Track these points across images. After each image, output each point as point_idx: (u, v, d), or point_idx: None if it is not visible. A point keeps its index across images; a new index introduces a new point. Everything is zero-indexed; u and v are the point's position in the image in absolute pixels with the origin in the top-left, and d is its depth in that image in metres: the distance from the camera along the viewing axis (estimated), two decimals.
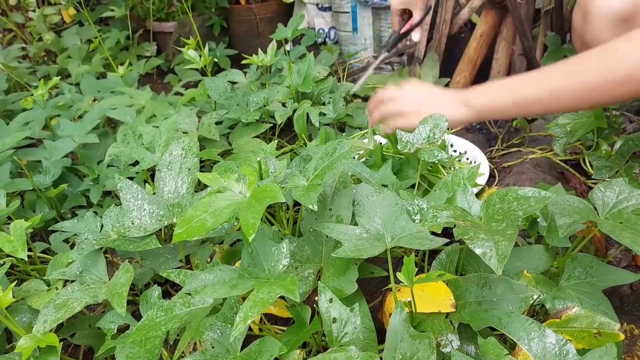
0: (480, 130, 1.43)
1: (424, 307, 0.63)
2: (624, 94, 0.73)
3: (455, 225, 0.61)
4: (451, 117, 0.85)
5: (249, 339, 0.61)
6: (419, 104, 0.89)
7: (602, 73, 0.73)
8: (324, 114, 1.29)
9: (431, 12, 1.32)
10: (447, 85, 1.49)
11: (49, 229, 0.95)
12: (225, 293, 0.56)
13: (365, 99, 1.55)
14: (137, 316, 0.71)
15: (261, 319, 0.75)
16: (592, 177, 1.02)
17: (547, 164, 1.14)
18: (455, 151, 1.16)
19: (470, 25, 1.56)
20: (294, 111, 1.26)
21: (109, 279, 0.73)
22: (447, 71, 1.49)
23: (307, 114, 1.24)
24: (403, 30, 1.26)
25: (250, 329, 0.72)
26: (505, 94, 0.83)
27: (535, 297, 0.59)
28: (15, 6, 2.40)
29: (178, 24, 2.18)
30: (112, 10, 2.07)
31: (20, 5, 2.42)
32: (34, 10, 2.33)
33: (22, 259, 0.75)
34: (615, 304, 0.67)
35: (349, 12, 1.87)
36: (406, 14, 1.27)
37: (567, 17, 1.42)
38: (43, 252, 0.97)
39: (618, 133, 1.08)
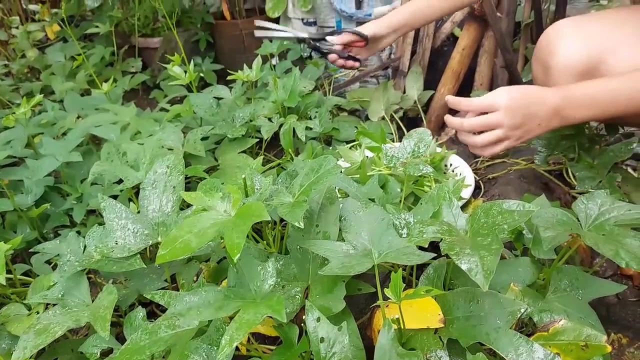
0: None
1: (412, 323, 0.62)
2: None
3: (442, 239, 0.61)
4: (550, 129, 0.85)
5: (236, 359, 0.60)
6: (530, 129, 0.84)
7: None
8: (311, 128, 1.29)
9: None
10: (431, 97, 1.50)
11: (31, 250, 0.94)
12: (210, 315, 0.55)
13: (352, 112, 1.56)
14: (121, 339, 0.70)
15: (248, 338, 0.74)
16: (576, 187, 1.03)
17: (532, 174, 1.15)
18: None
19: (452, 39, 1.58)
20: (281, 126, 1.26)
21: (92, 301, 0.72)
22: (431, 83, 1.51)
23: (294, 128, 1.24)
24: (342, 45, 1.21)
25: (237, 348, 0.71)
26: (598, 107, 0.83)
27: (522, 310, 0.59)
28: None
29: (163, 39, 2.18)
30: (97, 26, 2.06)
31: (3, 22, 2.40)
32: (17, 27, 2.32)
33: (0, 283, 0.73)
34: (602, 313, 0.68)
35: (333, 27, 1.89)
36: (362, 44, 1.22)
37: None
38: (24, 274, 0.94)
39: (599, 144, 1.09)
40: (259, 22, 1.22)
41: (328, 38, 1.22)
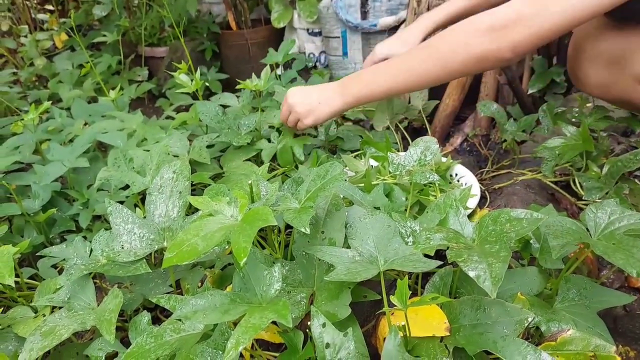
0: (470, 152, 1.44)
1: (418, 331, 0.62)
2: (454, 71, 0.90)
3: (448, 248, 0.61)
4: (336, 108, 1.03)
5: None
6: (311, 105, 1.04)
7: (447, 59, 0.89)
8: (309, 145, 1.28)
9: None
10: (436, 107, 1.50)
11: (37, 254, 0.94)
12: (216, 319, 0.55)
13: (356, 121, 1.56)
14: (125, 343, 0.69)
15: (252, 344, 0.74)
16: (583, 198, 1.03)
17: (538, 185, 1.15)
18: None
19: None
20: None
21: (98, 305, 0.72)
22: (436, 93, 1.51)
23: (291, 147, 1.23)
24: None
25: (241, 355, 0.70)
26: (368, 86, 0.98)
27: (530, 319, 0.59)
28: (7, 32, 2.41)
29: (170, 49, 2.20)
30: (104, 35, 2.09)
31: (12, 31, 2.43)
32: (26, 36, 2.35)
33: (9, 285, 0.73)
34: (609, 325, 0.67)
35: (339, 37, 1.90)
36: None
37: (553, 42, 1.45)
38: (30, 278, 0.95)
39: (607, 155, 1.09)
40: None
41: None
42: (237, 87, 1.35)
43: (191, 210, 0.90)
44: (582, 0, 0.77)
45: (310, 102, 1.04)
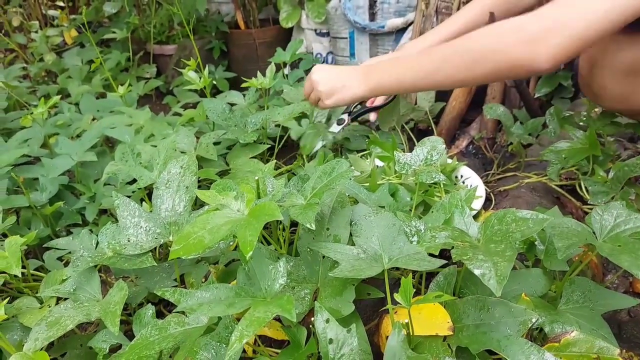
0: (476, 155, 1.44)
1: (421, 329, 0.62)
2: (481, 75, 0.85)
3: (453, 247, 0.61)
4: (359, 94, 1.01)
5: None
6: (334, 86, 1.03)
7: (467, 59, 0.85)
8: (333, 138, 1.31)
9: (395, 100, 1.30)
10: (442, 109, 1.50)
11: (44, 246, 0.95)
12: (221, 312, 0.55)
13: (362, 122, 1.57)
14: (129, 336, 0.70)
15: (255, 340, 0.74)
16: (589, 202, 1.02)
17: (543, 188, 1.14)
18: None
19: None
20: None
21: (103, 297, 0.72)
22: (442, 95, 1.51)
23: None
24: (369, 104, 1.26)
25: (244, 350, 0.70)
26: (391, 77, 0.97)
27: (534, 320, 0.59)
28: (18, 27, 2.43)
29: (178, 47, 2.21)
30: (114, 32, 2.10)
31: (23, 27, 2.45)
32: (36, 32, 2.36)
33: (15, 276, 0.74)
34: (613, 330, 0.66)
35: (346, 38, 1.91)
36: None
37: None
38: (36, 269, 0.95)
39: (613, 159, 1.09)
40: None
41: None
42: (243, 85, 1.36)
43: (197, 205, 0.90)
44: (616, 2, 0.72)
45: (334, 82, 1.02)
